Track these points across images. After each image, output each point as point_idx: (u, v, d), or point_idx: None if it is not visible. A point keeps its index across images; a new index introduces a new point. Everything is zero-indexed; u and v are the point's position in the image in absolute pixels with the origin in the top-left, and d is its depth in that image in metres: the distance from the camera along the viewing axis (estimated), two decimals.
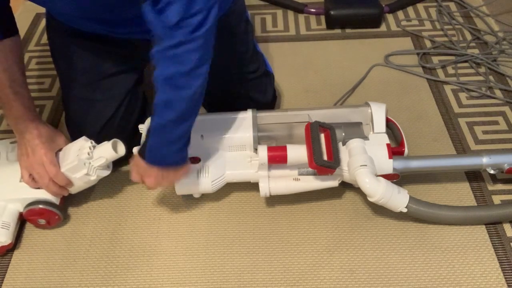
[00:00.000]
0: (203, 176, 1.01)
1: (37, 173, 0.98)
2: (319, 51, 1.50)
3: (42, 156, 0.97)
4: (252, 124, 1.05)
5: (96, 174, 0.99)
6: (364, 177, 0.95)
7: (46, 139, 0.99)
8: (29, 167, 0.98)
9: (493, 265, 0.98)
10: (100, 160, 0.98)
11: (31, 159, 0.98)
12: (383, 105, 1.08)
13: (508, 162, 1.03)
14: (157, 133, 0.87)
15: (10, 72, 0.96)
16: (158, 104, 0.85)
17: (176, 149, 0.90)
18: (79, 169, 0.97)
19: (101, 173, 1.00)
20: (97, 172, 0.99)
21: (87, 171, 0.97)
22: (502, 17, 1.57)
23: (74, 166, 0.97)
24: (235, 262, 1.00)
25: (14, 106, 0.97)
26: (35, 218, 1.02)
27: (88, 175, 0.98)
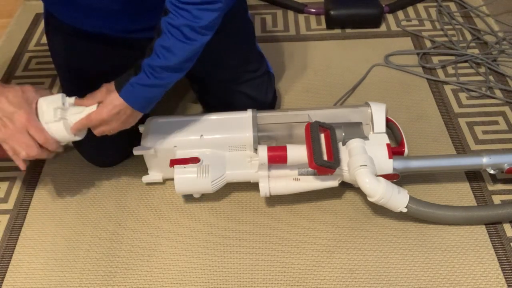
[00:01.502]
0: (203, 176, 1.01)
1: (22, 143, 0.88)
2: (319, 51, 1.50)
3: (24, 124, 0.87)
4: (252, 124, 1.05)
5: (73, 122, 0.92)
6: (364, 177, 0.95)
7: (19, 102, 0.88)
8: (10, 138, 0.88)
9: (493, 265, 0.98)
10: (76, 114, 0.92)
11: (11, 130, 0.87)
12: (383, 105, 1.08)
13: (508, 162, 1.03)
14: (149, 73, 0.88)
15: None
16: (161, 47, 0.86)
17: (154, 95, 0.91)
18: (60, 129, 0.90)
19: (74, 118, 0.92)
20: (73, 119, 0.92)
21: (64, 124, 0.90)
22: (502, 17, 1.57)
23: (54, 123, 0.89)
24: (235, 262, 1.00)
25: None
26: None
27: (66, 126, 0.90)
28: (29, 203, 1.12)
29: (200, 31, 0.86)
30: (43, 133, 0.89)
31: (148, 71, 0.88)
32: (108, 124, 0.92)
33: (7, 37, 1.57)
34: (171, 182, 1.14)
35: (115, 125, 0.92)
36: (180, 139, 1.05)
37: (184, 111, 1.32)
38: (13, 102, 0.87)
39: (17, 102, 0.88)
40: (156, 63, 0.87)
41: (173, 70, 0.89)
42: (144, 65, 0.88)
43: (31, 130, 0.88)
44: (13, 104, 0.87)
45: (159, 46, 0.87)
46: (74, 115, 0.92)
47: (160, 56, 0.87)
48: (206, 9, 0.85)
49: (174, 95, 1.35)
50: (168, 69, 0.88)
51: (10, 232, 1.07)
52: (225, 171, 1.03)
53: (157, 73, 0.88)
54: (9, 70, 1.47)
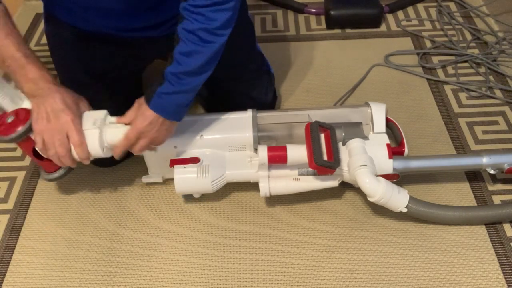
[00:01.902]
0: (203, 176, 1.01)
1: (57, 140, 0.90)
2: (319, 51, 1.50)
3: (69, 123, 0.90)
4: (252, 124, 1.05)
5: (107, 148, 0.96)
6: (364, 177, 0.95)
7: (71, 104, 0.92)
8: (48, 132, 0.90)
9: (493, 265, 0.98)
10: (112, 135, 0.95)
11: (52, 125, 0.90)
12: (383, 105, 1.08)
13: (508, 162, 1.03)
14: (172, 81, 0.90)
15: (14, 36, 0.90)
16: (180, 54, 0.88)
17: (182, 101, 0.94)
18: (93, 137, 0.93)
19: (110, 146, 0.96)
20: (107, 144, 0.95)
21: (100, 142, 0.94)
22: (502, 17, 1.57)
23: (92, 134, 0.93)
24: (235, 262, 1.00)
25: (29, 69, 0.89)
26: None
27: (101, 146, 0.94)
28: (29, 203, 1.12)
29: (216, 32, 0.87)
30: (81, 136, 0.91)
31: (171, 79, 0.89)
32: (145, 137, 0.94)
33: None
34: (171, 182, 1.14)
35: (152, 136, 0.94)
36: (180, 139, 1.05)
37: None
38: (65, 102, 0.90)
39: (69, 103, 0.91)
40: (178, 70, 0.89)
41: (195, 74, 0.91)
42: (166, 74, 0.89)
43: (70, 131, 0.90)
44: (64, 103, 0.90)
45: (178, 53, 0.88)
46: (110, 128, 0.95)
47: (181, 63, 0.88)
48: (219, 10, 0.86)
49: None
50: (191, 74, 0.90)
51: (10, 232, 1.07)
52: (225, 171, 1.03)
53: (180, 79, 0.89)
54: None
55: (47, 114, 0.90)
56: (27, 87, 0.91)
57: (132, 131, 0.93)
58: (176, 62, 0.89)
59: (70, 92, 0.94)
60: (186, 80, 0.90)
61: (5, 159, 1.22)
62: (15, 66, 0.90)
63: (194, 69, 0.90)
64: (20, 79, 0.91)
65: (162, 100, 0.91)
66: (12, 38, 0.89)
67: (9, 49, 0.89)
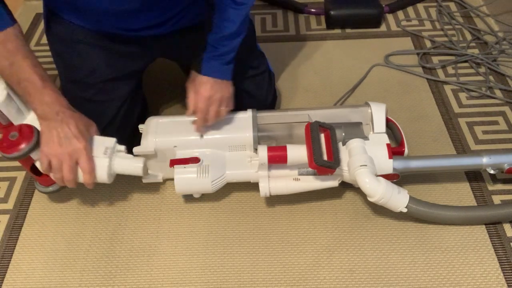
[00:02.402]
0: (203, 176, 1.01)
1: (67, 165, 0.92)
2: (319, 51, 1.50)
3: (81, 150, 0.93)
4: (252, 124, 1.05)
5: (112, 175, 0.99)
6: (364, 177, 0.95)
7: (83, 130, 0.94)
8: (57, 156, 0.92)
9: (493, 265, 0.98)
10: (121, 166, 0.99)
11: (63, 150, 0.92)
12: (383, 105, 1.08)
13: (508, 162, 1.03)
14: (216, 44, 1.00)
15: (31, 58, 0.92)
16: (219, 19, 0.98)
17: (228, 60, 1.03)
18: (103, 165, 0.96)
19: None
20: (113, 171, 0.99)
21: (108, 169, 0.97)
22: (502, 17, 1.57)
23: (101, 162, 0.96)
24: (235, 262, 1.00)
25: (46, 93, 0.92)
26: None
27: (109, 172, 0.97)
28: (29, 203, 1.12)
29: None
30: (91, 163, 0.94)
31: (214, 44, 1.00)
32: (213, 101, 1.01)
33: None
34: (171, 182, 1.14)
35: (218, 97, 1.01)
36: (180, 139, 1.05)
37: (184, 111, 1.32)
38: (78, 128, 0.93)
39: (82, 130, 0.94)
40: (220, 35, 0.99)
41: (235, 35, 1.01)
42: (209, 41, 1.00)
43: (82, 158, 0.93)
44: (77, 130, 0.93)
45: (218, 19, 0.98)
46: (119, 158, 0.99)
47: (220, 27, 0.98)
48: None
49: (174, 95, 1.35)
50: (231, 36, 1.00)
51: (10, 232, 1.07)
52: (225, 171, 1.03)
53: (222, 41, 1.00)
54: None
55: (59, 138, 0.92)
56: (41, 109, 0.93)
57: (201, 101, 1.00)
58: (217, 28, 0.99)
59: (82, 117, 0.97)
60: (227, 41, 1.00)
61: (5, 159, 1.21)
62: (31, 88, 0.92)
63: (234, 31, 0.99)
64: (35, 101, 0.93)
65: (210, 63, 1.01)
66: (29, 60, 0.91)
67: (26, 71, 0.91)
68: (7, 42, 0.90)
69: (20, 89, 0.93)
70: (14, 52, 0.90)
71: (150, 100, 1.26)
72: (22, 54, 0.91)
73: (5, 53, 0.90)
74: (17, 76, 0.91)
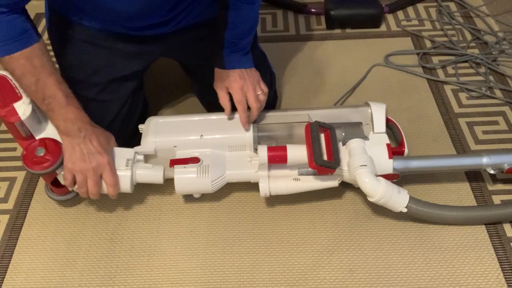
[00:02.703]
0: (203, 176, 1.01)
1: (91, 180, 0.95)
2: (319, 51, 1.50)
3: (105, 165, 0.95)
4: (252, 124, 1.05)
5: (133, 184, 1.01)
6: (364, 177, 0.95)
7: (105, 145, 0.97)
8: (82, 172, 0.95)
9: (493, 265, 0.98)
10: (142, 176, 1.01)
11: (87, 165, 0.94)
12: (383, 105, 1.08)
13: (508, 162, 1.03)
14: (232, 42, 1.04)
15: (56, 75, 0.94)
16: (234, 17, 1.01)
17: (247, 52, 1.07)
18: (126, 177, 0.99)
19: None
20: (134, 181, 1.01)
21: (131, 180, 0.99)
22: (502, 17, 1.57)
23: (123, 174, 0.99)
24: (235, 262, 1.00)
25: (69, 110, 0.94)
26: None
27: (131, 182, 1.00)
28: (29, 203, 1.12)
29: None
30: (115, 177, 0.97)
31: (233, 40, 1.03)
32: (247, 89, 1.03)
33: None
34: (171, 182, 1.13)
35: (250, 85, 1.04)
36: (180, 139, 1.05)
37: (184, 111, 1.32)
38: (100, 144, 0.96)
39: (104, 145, 0.96)
40: (236, 31, 1.03)
41: (251, 29, 1.07)
42: (227, 37, 1.03)
43: (106, 172, 0.95)
44: (100, 145, 0.95)
45: (233, 16, 1.01)
46: (140, 169, 1.01)
47: (237, 24, 1.02)
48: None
49: (174, 95, 1.35)
50: (247, 31, 1.05)
51: (10, 232, 1.07)
52: (225, 171, 1.03)
53: (240, 36, 1.04)
54: None
55: (83, 154, 0.94)
56: (64, 126, 0.94)
57: (236, 93, 1.03)
58: (232, 25, 1.02)
59: (103, 131, 0.99)
60: (243, 36, 1.04)
61: (5, 159, 1.22)
62: (55, 105, 0.93)
63: (248, 27, 1.04)
64: (58, 118, 0.94)
65: (232, 57, 1.04)
66: (54, 77, 0.93)
67: (51, 88, 0.92)
68: (33, 58, 0.91)
69: (44, 105, 0.94)
70: (39, 68, 0.91)
71: (150, 100, 1.26)
72: (48, 71, 0.92)
73: (31, 70, 0.91)
74: (42, 93, 0.93)
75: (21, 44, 0.90)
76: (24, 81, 0.93)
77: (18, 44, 0.90)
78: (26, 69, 0.91)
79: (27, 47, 0.90)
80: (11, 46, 0.89)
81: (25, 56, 0.90)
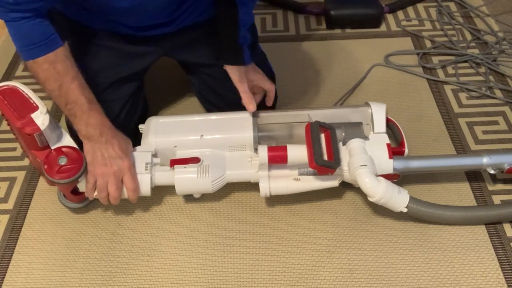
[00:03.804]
0: (203, 176, 1.01)
1: (112, 184, 0.96)
2: (319, 51, 1.50)
3: (126, 170, 0.96)
4: (252, 124, 1.05)
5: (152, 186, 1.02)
6: (365, 177, 0.95)
7: (126, 149, 0.98)
8: (103, 176, 0.96)
9: (493, 265, 0.98)
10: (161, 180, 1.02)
11: (109, 170, 0.95)
12: (383, 105, 1.08)
13: (508, 162, 1.03)
14: (244, 39, 1.05)
15: (79, 79, 0.94)
16: (244, 14, 1.02)
17: (247, 48, 1.07)
18: (146, 181, 1.00)
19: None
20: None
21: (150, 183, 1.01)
22: (502, 17, 1.57)
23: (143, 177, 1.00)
24: (235, 262, 1.00)
25: (92, 115, 0.94)
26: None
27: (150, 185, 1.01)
28: (29, 203, 1.12)
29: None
30: (136, 181, 0.98)
31: (245, 36, 1.05)
32: (250, 79, 1.08)
33: (7, 37, 1.57)
34: None
35: (254, 78, 1.09)
36: (180, 139, 1.05)
37: (184, 111, 1.32)
38: (121, 148, 0.97)
39: (124, 149, 0.97)
40: (246, 27, 1.05)
41: (253, 25, 1.11)
42: (241, 34, 1.04)
43: (126, 176, 0.97)
44: (121, 150, 0.96)
45: (243, 13, 1.02)
46: (159, 172, 1.02)
47: (246, 20, 1.04)
48: None
49: (174, 95, 1.35)
50: (251, 26, 1.08)
51: (10, 232, 1.07)
52: (225, 171, 1.03)
53: (248, 32, 1.06)
54: (9, 70, 1.47)
55: (104, 159, 0.95)
56: (86, 131, 0.95)
57: (267, 83, 1.09)
58: (243, 21, 1.03)
59: (123, 136, 1.00)
60: (250, 32, 1.06)
61: (5, 159, 1.22)
62: (78, 110, 0.94)
63: (252, 22, 1.08)
64: (80, 123, 0.95)
65: (247, 53, 1.06)
66: (77, 82, 0.93)
67: (75, 94, 0.93)
68: (57, 63, 0.91)
69: (66, 110, 0.95)
70: (63, 74, 0.92)
71: (150, 100, 1.26)
72: (71, 76, 0.93)
73: (55, 75, 0.91)
74: (65, 98, 0.93)
75: (44, 49, 0.90)
76: (47, 86, 0.93)
77: (41, 49, 0.90)
78: (50, 74, 0.91)
79: (50, 51, 0.90)
80: (34, 51, 0.89)
81: (49, 61, 0.90)
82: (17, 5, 0.85)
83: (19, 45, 0.91)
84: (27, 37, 0.89)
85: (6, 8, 0.85)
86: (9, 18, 0.87)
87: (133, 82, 1.14)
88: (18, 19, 0.87)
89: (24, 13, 0.86)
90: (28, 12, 0.87)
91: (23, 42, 0.90)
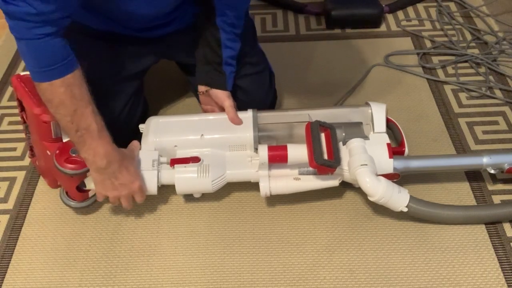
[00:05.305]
0: (203, 176, 1.01)
1: (125, 200, 0.99)
2: (319, 51, 1.50)
3: (136, 190, 0.98)
4: (253, 124, 1.05)
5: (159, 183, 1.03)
6: (365, 177, 0.95)
7: (134, 171, 0.98)
8: (115, 196, 0.98)
9: (493, 265, 0.98)
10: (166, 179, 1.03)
11: (120, 192, 0.97)
12: (383, 105, 1.08)
13: (508, 162, 1.03)
14: (230, 63, 1.08)
15: (92, 104, 0.90)
16: (230, 41, 1.06)
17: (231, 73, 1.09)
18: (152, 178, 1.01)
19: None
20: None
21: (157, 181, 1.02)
22: (502, 17, 1.57)
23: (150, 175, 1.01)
24: (235, 262, 1.00)
25: (100, 144, 0.92)
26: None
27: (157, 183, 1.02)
28: (29, 203, 1.12)
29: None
30: (144, 196, 1.00)
31: (229, 62, 1.07)
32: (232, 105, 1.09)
33: (7, 37, 1.57)
34: None
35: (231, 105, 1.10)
36: (180, 138, 1.05)
37: (184, 111, 1.32)
38: (130, 172, 0.97)
39: (133, 172, 0.97)
40: (232, 54, 1.07)
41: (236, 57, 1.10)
42: (225, 60, 1.06)
43: (137, 195, 0.99)
44: (130, 174, 0.96)
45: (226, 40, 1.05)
46: (165, 170, 1.03)
47: (233, 48, 1.07)
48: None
49: (174, 95, 1.35)
50: (235, 56, 1.09)
51: (10, 232, 1.07)
52: (226, 171, 1.03)
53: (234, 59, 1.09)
54: (9, 70, 1.47)
55: (114, 185, 0.96)
56: (93, 160, 0.93)
57: (230, 110, 1.07)
58: (227, 48, 1.05)
59: (128, 152, 1.00)
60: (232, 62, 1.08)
61: (5, 159, 1.22)
62: (88, 137, 0.91)
63: (237, 51, 1.08)
64: (88, 151, 0.92)
65: (229, 79, 1.09)
66: (91, 107, 0.90)
67: (88, 120, 0.90)
68: (74, 86, 0.87)
69: (76, 137, 0.91)
70: (79, 98, 0.88)
71: (150, 100, 1.26)
72: (86, 101, 0.89)
73: (70, 99, 0.87)
74: (77, 124, 0.89)
75: (63, 70, 0.86)
76: (61, 110, 0.88)
77: (60, 70, 0.85)
78: (66, 97, 0.87)
79: (69, 73, 0.86)
80: (53, 72, 0.85)
81: (66, 83, 0.86)
82: (41, 15, 0.80)
83: (37, 65, 0.86)
84: (47, 56, 0.84)
85: (29, 23, 0.81)
86: (31, 36, 0.82)
87: (134, 82, 1.14)
88: (42, 36, 0.82)
89: (47, 29, 0.82)
90: (53, 26, 0.82)
91: (42, 62, 0.85)
